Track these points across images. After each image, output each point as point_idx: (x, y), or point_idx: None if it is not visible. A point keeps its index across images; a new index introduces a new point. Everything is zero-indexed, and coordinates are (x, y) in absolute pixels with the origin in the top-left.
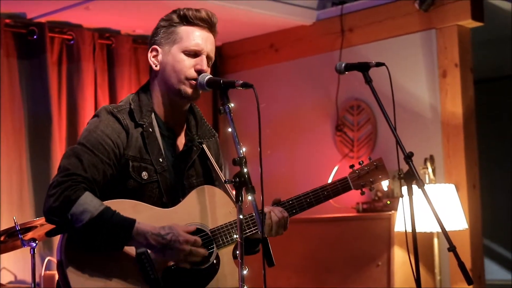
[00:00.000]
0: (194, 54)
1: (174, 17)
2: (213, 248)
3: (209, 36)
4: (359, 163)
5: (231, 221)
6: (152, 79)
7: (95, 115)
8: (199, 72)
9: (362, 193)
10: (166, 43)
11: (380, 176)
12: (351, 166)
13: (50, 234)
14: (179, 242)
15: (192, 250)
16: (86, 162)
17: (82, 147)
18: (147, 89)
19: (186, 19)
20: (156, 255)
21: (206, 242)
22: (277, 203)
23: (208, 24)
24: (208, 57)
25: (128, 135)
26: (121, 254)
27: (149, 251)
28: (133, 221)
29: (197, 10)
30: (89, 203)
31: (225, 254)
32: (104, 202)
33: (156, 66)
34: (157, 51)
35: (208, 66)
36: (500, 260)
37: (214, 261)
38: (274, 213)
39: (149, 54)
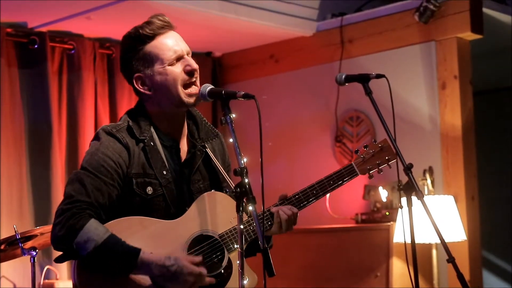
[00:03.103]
0: (176, 60)
1: (133, 42)
2: (223, 253)
3: (174, 35)
4: (364, 147)
5: None
6: (146, 101)
7: (95, 138)
8: (191, 72)
9: (371, 177)
10: (145, 67)
11: (387, 157)
12: (356, 151)
13: (58, 260)
14: (183, 274)
15: (196, 282)
16: (89, 187)
17: (84, 171)
18: (142, 105)
19: (146, 37)
20: (161, 283)
21: (216, 247)
22: (283, 199)
23: (166, 26)
24: (187, 53)
25: (130, 153)
26: (135, 275)
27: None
28: (137, 251)
29: (148, 23)
30: (93, 231)
31: (237, 258)
32: (111, 221)
33: (148, 90)
34: (141, 77)
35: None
36: (499, 272)
37: (226, 266)
38: (283, 211)
39: (136, 85)
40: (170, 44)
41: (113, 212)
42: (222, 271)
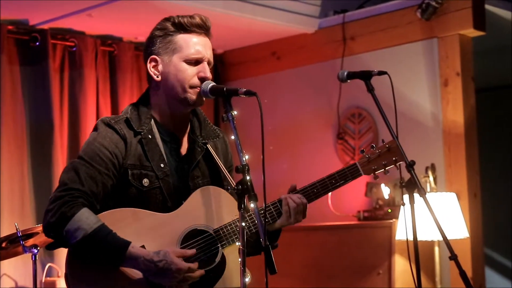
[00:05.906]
0: (195, 62)
1: (169, 25)
2: (218, 248)
3: (207, 41)
4: (371, 147)
5: (235, 219)
6: (153, 89)
7: (94, 129)
8: (203, 79)
9: (376, 178)
10: (165, 53)
11: (394, 158)
12: (362, 151)
13: (49, 247)
14: (171, 270)
15: (185, 277)
16: (83, 175)
17: (80, 160)
18: (147, 98)
19: (182, 27)
20: (149, 278)
21: (210, 242)
22: (292, 190)
23: (204, 29)
24: (208, 63)
25: (127, 144)
26: (126, 268)
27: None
28: (126, 244)
29: (191, 17)
30: (84, 220)
31: (231, 253)
32: (105, 212)
33: (157, 76)
34: (156, 61)
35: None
36: (501, 269)
37: (220, 261)
38: (292, 200)
39: (148, 65)
40: (197, 45)
41: (109, 203)
42: (220, 261)
